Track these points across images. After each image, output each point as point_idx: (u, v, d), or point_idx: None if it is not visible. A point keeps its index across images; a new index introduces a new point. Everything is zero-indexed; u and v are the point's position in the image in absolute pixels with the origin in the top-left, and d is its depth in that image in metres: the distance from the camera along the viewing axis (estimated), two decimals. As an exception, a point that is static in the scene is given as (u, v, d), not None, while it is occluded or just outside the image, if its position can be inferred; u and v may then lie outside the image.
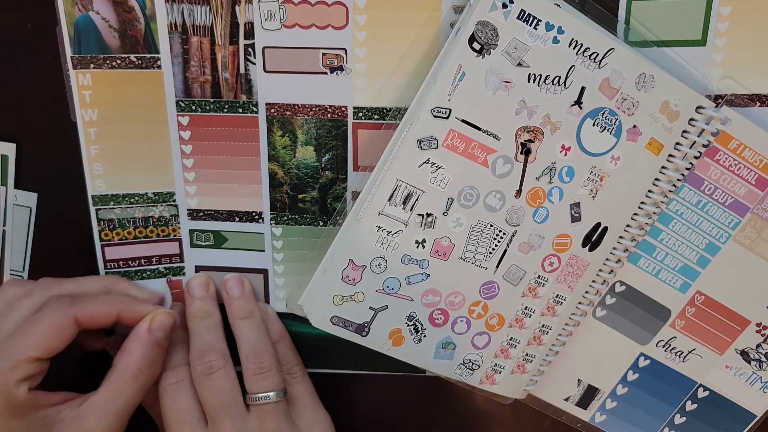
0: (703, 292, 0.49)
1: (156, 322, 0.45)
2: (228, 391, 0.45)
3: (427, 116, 0.42)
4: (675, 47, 0.44)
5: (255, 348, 0.46)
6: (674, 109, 0.44)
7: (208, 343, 0.46)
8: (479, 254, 0.45)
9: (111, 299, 0.45)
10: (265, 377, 0.45)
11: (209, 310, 0.48)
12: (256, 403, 0.45)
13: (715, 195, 0.46)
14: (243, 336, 0.47)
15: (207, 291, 0.48)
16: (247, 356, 0.46)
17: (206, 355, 0.45)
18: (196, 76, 0.46)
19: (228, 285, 0.48)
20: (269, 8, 0.44)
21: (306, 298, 0.44)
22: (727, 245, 0.48)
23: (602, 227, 0.46)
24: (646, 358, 0.51)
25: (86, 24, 0.45)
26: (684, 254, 0.48)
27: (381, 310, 0.45)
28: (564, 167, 0.44)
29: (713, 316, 0.49)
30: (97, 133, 0.47)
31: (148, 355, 0.44)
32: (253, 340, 0.47)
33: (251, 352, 0.46)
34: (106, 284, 0.47)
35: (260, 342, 0.47)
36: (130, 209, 0.48)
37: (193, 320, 0.47)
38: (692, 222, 0.47)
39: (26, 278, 0.51)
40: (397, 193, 0.43)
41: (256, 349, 0.46)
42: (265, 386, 0.45)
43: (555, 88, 0.42)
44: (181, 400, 0.45)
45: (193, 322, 0.47)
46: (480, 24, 0.41)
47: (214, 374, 0.45)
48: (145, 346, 0.44)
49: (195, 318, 0.47)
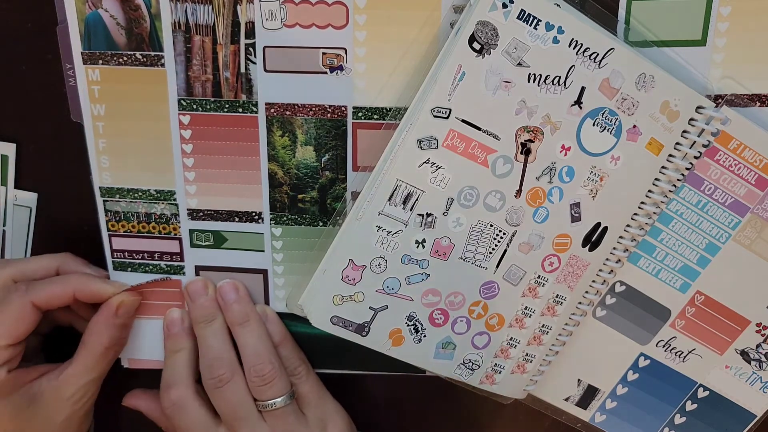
0: (703, 292, 0.49)
1: (123, 308, 0.47)
2: (239, 401, 0.46)
3: (427, 116, 0.42)
4: (675, 47, 0.44)
5: (256, 357, 0.46)
6: (674, 109, 0.44)
7: (217, 353, 0.47)
8: (479, 254, 0.45)
9: (65, 279, 0.46)
10: (269, 386, 0.46)
11: (212, 314, 0.48)
12: (265, 410, 0.46)
13: (715, 195, 0.46)
14: (244, 342, 0.47)
15: (207, 294, 0.49)
16: (249, 367, 0.46)
17: (215, 368, 0.46)
18: (197, 74, 0.46)
19: (222, 291, 0.49)
20: (270, 8, 0.44)
21: (306, 298, 0.44)
22: (727, 245, 0.47)
23: (602, 227, 0.46)
24: (646, 358, 0.51)
25: (96, 21, 0.45)
26: (684, 254, 0.48)
27: (381, 310, 0.45)
28: (564, 167, 0.44)
29: (713, 316, 0.49)
30: (105, 127, 0.47)
31: (115, 336, 0.47)
32: (254, 347, 0.47)
33: (252, 363, 0.46)
34: (59, 263, 0.48)
35: (261, 348, 0.47)
36: (134, 204, 0.49)
37: (198, 326, 0.48)
38: (692, 222, 0.47)
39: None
40: (397, 193, 0.43)
41: (257, 359, 0.46)
42: (271, 394, 0.46)
43: (555, 88, 0.42)
44: (192, 415, 0.47)
45: (198, 327, 0.48)
46: (480, 24, 0.41)
47: (225, 387, 0.46)
48: (112, 329, 0.47)
49: (200, 324, 0.48)
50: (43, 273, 0.47)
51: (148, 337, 0.51)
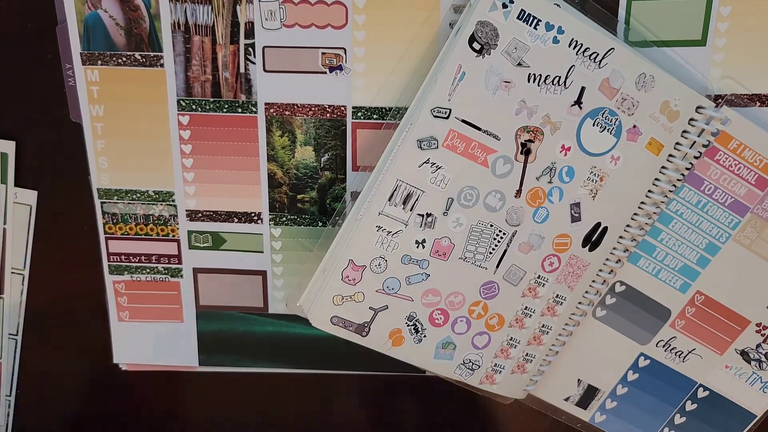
0: (703, 292, 0.49)
1: None
2: None
3: (427, 116, 0.42)
4: (675, 47, 0.44)
5: None
6: (674, 109, 0.44)
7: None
8: (479, 254, 0.45)
9: None
10: None
11: None
12: None
13: (715, 195, 0.46)
14: None
15: None
16: None
17: None
18: (197, 75, 0.46)
19: None
20: (269, 8, 0.44)
21: (306, 298, 0.44)
22: (727, 245, 0.47)
23: (602, 227, 0.46)
24: (646, 358, 0.51)
25: (95, 21, 0.45)
26: (684, 254, 0.48)
27: (381, 310, 0.45)
28: (564, 167, 0.44)
29: (713, 316, 0.49)
30: (104, 128, 0.47)
31: None
32: None
33: None
34: None
35: None
36: (132, 205, 0.49)
37: None
38: (692, 222, 0.47)
39: (26, 277, 0.51)
40: (397, 193, 0.43)
41: None
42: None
43: (555, 88, 0.42)
44: None
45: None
46: (480, 24, 0.40)
47: None
48: None
49: None
50: None
51: (146, 340, 0.51)
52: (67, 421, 0.55)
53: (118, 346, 0.52)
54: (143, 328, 0.51)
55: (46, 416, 0.55)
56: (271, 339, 0.51)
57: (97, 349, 0.52)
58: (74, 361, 0.53)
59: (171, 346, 0.52)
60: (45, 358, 0.51)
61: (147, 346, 0.51)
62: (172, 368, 0.53)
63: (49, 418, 0.55)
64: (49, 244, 0.51)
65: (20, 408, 0.54)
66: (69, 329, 0.51)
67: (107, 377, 0.48)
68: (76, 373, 0.53)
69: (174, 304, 0.50)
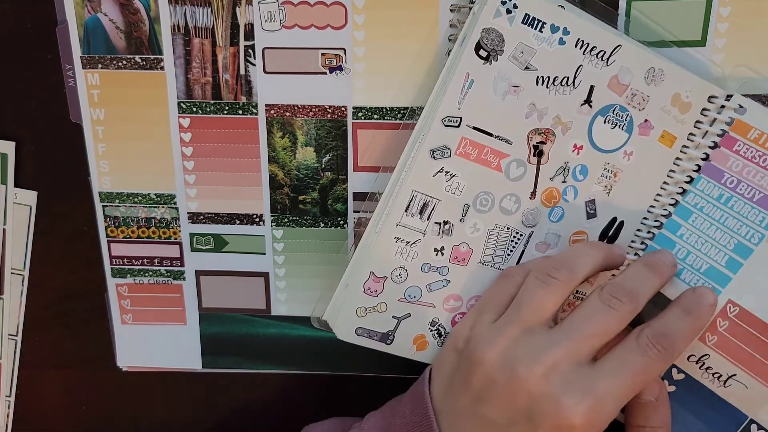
0: (736, 303, 0.42)
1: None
2: None
3: (438, 126, 0.42)
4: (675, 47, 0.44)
5: None
6: (685, 101, 0.43)
7: None
8: (498, 257, 0.45)
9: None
10: None
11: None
12: None
13: (740, 189, 0.43)
14: None
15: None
16: None
17: None
18: (197, 77, 0.46)
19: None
20: (269, 9, 0.44)
21: (330, 312, 0.45)
22: (762, 247, 0.42)
23: (618, 222, 0.46)
24: (680, 372, 0.45)
25: (95, 25, 0.45)
26: (709, 254, 0.44)
27: (404, 318, 0.45)
28: (577, 166, 0.44)
29: (752, 334, 0.42)
30: (105, 131, 0.47)
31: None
32: None
33: None
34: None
35: None
36: (133, 208, 0.49)
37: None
38: (715, 218, 0.44)
39: (26, 277, 0.52)
40: (413, 203, 0.43)
41: None
42: None
43: (564, 88, 0.42)
44: None
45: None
46: (485, 31, 0.40)
47: None
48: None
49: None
50: None
51: (147, 343, 0.51)
52: (67, 421, 0.55)
53: (122, 350, 0.52)
54: (146, 331, 0.51)
55: (46, 416, 0.55)
56: (273, 341, 0.52)
57: (97, 349, 0.53)
58: (74, 362, 0.53)
59: (174, 348, 0.52)
60: (45, 358, 0.51)
61: (150, 349, 0.51)
62: (174, 370, 0.53)
63: (49, 419, 0.55)
64: (49, 245, 0.51)
65: (20, 408, 0.54)
66: (69, 329, 0.51)
67: (107, 378, 0.49)
68: (76, 373, 0.53)
69: (177, 306, 0.50)
